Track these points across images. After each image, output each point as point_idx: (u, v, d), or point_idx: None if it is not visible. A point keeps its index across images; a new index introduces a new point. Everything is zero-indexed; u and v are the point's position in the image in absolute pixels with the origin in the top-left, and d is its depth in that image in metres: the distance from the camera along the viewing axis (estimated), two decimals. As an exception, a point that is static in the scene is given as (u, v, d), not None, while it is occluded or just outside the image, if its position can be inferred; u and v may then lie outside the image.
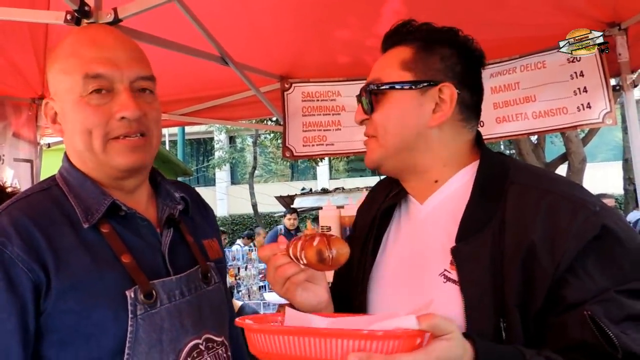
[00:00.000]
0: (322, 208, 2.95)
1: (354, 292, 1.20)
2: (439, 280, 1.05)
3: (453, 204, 1.10)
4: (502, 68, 2.98)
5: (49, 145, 3.51)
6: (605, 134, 15.29)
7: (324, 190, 12.07)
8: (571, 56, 2.78)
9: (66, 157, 1.18)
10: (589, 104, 2.74)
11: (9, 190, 1.94)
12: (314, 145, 3.34)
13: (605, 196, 7.47)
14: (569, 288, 0.94)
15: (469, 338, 0.86)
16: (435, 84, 1.10)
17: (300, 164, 22.50)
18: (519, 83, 2.93)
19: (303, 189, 13.61)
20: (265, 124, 7.78)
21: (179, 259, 1.19)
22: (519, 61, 2.94)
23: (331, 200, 3.49)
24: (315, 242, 0.95)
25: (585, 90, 2.75)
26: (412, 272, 1.12)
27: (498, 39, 2.79)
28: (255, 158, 19.79)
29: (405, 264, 1.15)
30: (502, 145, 16.80)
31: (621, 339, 0.88)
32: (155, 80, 1.17)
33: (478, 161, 1.13)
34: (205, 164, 24.16)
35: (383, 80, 1.13)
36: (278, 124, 3.84)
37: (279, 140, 13.79)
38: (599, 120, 2.73)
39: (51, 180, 1.18)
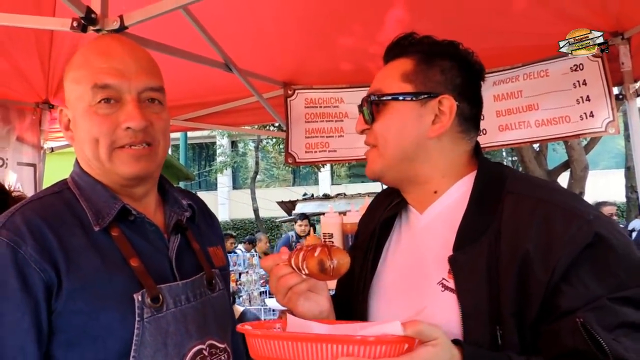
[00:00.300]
0: (324, 214, 2.94)
1: (355, 301, 1.22)
2: (437, 288, 1.07)
3: (451, 213, 1.12)
4: (505, 76, 2.98)
5: (52, 150, 3.53)
6: (607, 141, 15.27)
7: (326, 196, 12.05)
8: (574, 65, 2.79)
9: (77, 162, 1.20)
10: (591, 112, 2.74)
11: (15, 194, 1.94)
12: (316, 151, 3.34)
13: (606, 204, 7.43)
14: (563, 297, 0.94)
15: (458, 344, 0.88)
16: (435, 96, 1.12)
17: (302, 170, 22.48)
18: (522, 91, 2.93)
19: (305, 194, 13.59)
20: (268, 130, 7.77)
21: (185, 265, 1.20)
22: (522, 69, 2.94)
23: (333, 206, 3.48)
24: (316, 253, 0.97)
25: (588, 99, 2.75)
26: (412, 281, 1.14)
27: (501, 47, 2.80)
28: (257, 163, 19.81)
29: (405, 273, 1.16)
30: (504, 153, 16.81)
31: (612, 346, 0.88)
32: (164, 91, 1.19)
33: (476, 171, 1.15)
34: (207, 169, 24.17)
35: (384, 92, 1.15)
36: (281, 130, 3.85)
37: (281, 145, 13.81)
38: (602, 129, 2.72)
39: (63, 183, 1.19)
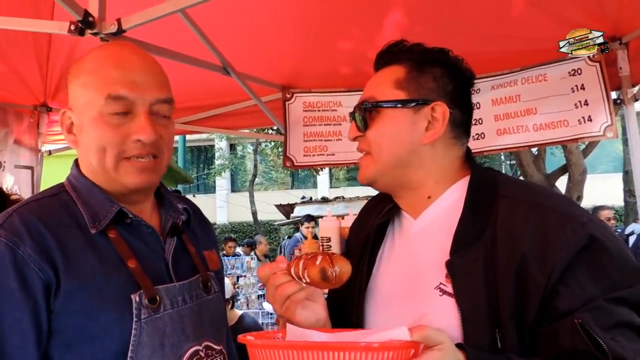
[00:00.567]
0: (322, 218, 2.93)
1: (350, 308, 1.21)
2: (434, 293, 1.07)
3: (446, 218, 1.12)
4: (503, 80, 2.98)
5: (49, 153, 3.53)
6: (605, 145, 15.28)
7: (324, 199, 12.06)
8: (572, 69, 2.79)
9: (76, 165, 1.20)
10: (590, 117, 2.75)
11: (13, 197, 1.94)
12: (314, 155, 3.34)
13: (604, 208, 7.45)
14: (560, 298, 0.96)
15: (462, 348, 0.88)
16: (428, 102, 1.13)
17: (300, 173, 22.48)
18: (520, 95, 2.94)
19: (303, 197, 13.60)
20: (267, 134, 7.77)
21: (181, 267, 1.21)
22: (520, 74, 2.95)
23: (331, 210, 3.47)
24: (318, 261, 0.96)
25: (587, 104, 2.75)
26: (408, 286, 1.14)
27: (499, 52, 2.81)
28: (255, 166, 19.79)
29: (401, 279, 1.16)
30: (503, 157, 16.81)
31: (611, 345, 0.90)
32: (174, 102, 1.19)
33: (469, 176, 1.16)
34: (205, 172, 24.15)
35: (377, 99, 1.15)
36: (279, 133, 3.85)
37: (279, 149, 13.79)
38: (600, 133, 2.73)
39: (60, 186, 1.19)
